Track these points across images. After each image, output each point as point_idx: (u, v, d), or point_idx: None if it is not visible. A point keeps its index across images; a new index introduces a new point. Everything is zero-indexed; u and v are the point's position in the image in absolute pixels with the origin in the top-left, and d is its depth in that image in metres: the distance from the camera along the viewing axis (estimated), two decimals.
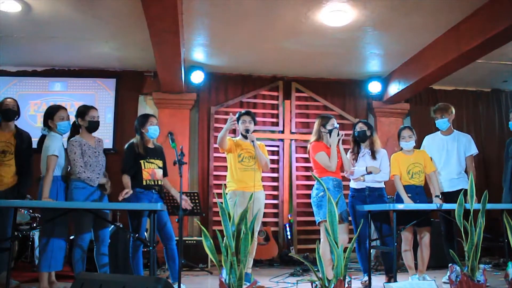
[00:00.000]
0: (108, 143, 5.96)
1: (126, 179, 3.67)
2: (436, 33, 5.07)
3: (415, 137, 4.18)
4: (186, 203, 3.84)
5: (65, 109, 3.77)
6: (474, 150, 4.33)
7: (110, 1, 4.38)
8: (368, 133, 4.16)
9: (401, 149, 4.21)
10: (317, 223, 3.85)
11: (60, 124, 3.66)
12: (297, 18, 4.72)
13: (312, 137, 4.06)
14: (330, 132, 3.95)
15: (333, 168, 3.87)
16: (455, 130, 4.43)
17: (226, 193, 3.30)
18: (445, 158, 4.30)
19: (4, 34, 5.09)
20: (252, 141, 4.13)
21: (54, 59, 5.98)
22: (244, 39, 5.31)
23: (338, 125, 4.07)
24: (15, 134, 3.92)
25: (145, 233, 3.88)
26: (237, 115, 4.31)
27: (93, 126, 3.69)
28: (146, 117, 3.86)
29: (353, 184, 4.19)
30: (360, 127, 4.20)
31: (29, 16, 4.65)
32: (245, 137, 4.22)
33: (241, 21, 4.82)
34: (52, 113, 3.67)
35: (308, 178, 6.36)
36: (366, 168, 4.03)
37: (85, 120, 3.65)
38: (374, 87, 6.48)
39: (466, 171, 4.29)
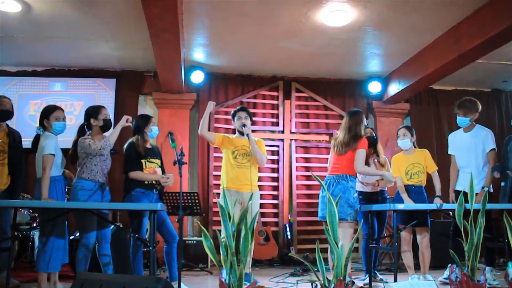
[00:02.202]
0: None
1: (138, 174, 3.66)
2: (436, 33, 5.07)
3: (413, 137, 4.17)
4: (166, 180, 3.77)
5: (62, 109, 3.74)
6: (492, 145, 4.16)
7: (110, 1, 4.38)
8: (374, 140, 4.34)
9: (401, 149, 4.23)
10: (339, 221, 3.63)
11: (56, 124, 3.63)
12: (297, 18, 4.72)
13: (349, 132, 3.80)
14: (366, 127, 3.98)
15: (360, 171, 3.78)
16: (476, 125, 4.26)
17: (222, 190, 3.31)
18: (466, 155, 4.20)
19: (4, 34, 5.09)
20: (247, 134, 4.01)
21: (54, 59, 5.99)
22: (244, 39, 5.31)
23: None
24: (8, 133, 3.89)
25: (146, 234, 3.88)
26: (232, 112, 4.26)
27: (108, 124, 3.67)
28: (147, 118, 3.89)
29: (363, 188, 4.27)
30: (370, 132, 4.34)
31: (29, 16, 4.65)
32: (242, 133, 4.10)
33: (241, 21, 4.82)
34: (47, 113, 3.65)
35: (308, 178, 6.36)
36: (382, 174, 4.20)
37: (99, 119, 3.62)
38: (374, 87, 6.48)
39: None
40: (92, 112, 3.65)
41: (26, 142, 4.11)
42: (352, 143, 3.75)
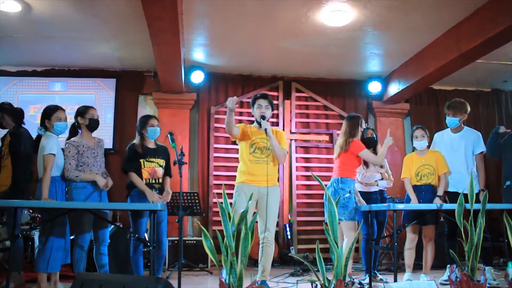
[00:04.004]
0: (108, 143, 5.96)
1: (133, 177, 3.71)
2: (436, 33, 5.07)
3: (428, 137, 4.18)
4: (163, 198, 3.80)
5: (63, 109, 3.76)
6: (482, 148, 4.19)
7: (110, 1, 4.38)
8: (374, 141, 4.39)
9: (413, 149, 4.25)
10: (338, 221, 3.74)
11: (57, 125, 3.64)
12: (297, 18, 4.72)
13: (344, 136, 3.91)
14: (367, 128, 3.98)
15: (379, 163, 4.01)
16: (465, 127, 4.31)
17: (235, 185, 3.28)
18: (452, 157, 4.20)
19: (4, 34, 5.09)
20: (266, 129, 3.55)
21: (54, 59, 5.98)
22: (244, 39, 5.31)
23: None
24: (11, 134, 3.93)
25: (145, 233, 3.88)
26: (252, 99, 3.80)
27: (93, 124, 3.69)
28: (147, 119, 3.91)
29: (363, 188, 4.29)
30: (370, 133, 4.39)
31: (29, 16, 4.65)
32: (261, 124, 3.62)
33: (241, 21, 4.82)
34: (49, 113, 3.66)
35: (308, 178, 6.36)
36: (381, 174, 4.30)
37: (85, 118, 3.66)
38: (374, 87, 6.48)
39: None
40: (81, 111, 3.70)
41: None
42: (344, 145, 3.85)
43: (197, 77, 6.07)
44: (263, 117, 3.60)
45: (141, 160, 3.77)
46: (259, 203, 3.55)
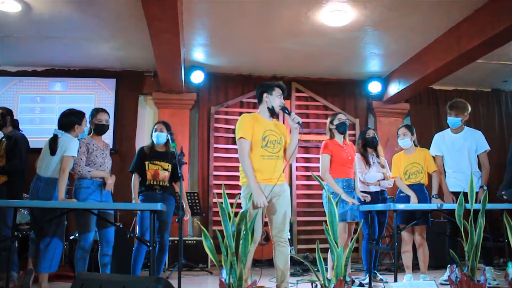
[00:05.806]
0: (108, 143, 5.96)
1: (133, 181, 3.91)
2: (436, 33, 5.07)
3: (413, 135, 4.17)
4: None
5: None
6: (486, 147, 4.18)
7: (110, 1, 4.38)
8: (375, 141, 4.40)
9: (402, 149, 4.24)
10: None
11: (85, 129, 3.72)
12: (297, 18, 4.72)
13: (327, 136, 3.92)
14: (338, 126, 3.81)
15: (325, 177, 3.68)
16: (465, 127, 4.29)
17: (243, 186, 3.04)
18: (456, 157, 4.19)
19: (4, 34, 5.09)
20: (299, 122, 3.06)
21: (54, 59, 5.99)
22: (244, 39, 5.31)
23: (348, 120, 3.97)
24: (7, 138, 3.99)
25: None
26: (268, 84, 3.27)
27: (99, 128, 3.72)
28: (155, 124, 4.08)
29: (363, 187, 4.27)
30: (372, 133, 4.40)
31: (29, 16, 4.65)
32: (273, 113, 3.17)
33: (241, 21, 4.82)
34: (79, 119, 3.69)
35: (308, 178, 6.37)
36: (383, 173, 4.29)
37: (93, 122, 3.72)
38: (374, 87, 6.48)
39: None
40: (91, 114, 3.76)
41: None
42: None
43: (197, 77, 6.07)
44: (286, 109, 3.13)
45: (146, 162, 3.91)
46: (272, 203, 3.08)
